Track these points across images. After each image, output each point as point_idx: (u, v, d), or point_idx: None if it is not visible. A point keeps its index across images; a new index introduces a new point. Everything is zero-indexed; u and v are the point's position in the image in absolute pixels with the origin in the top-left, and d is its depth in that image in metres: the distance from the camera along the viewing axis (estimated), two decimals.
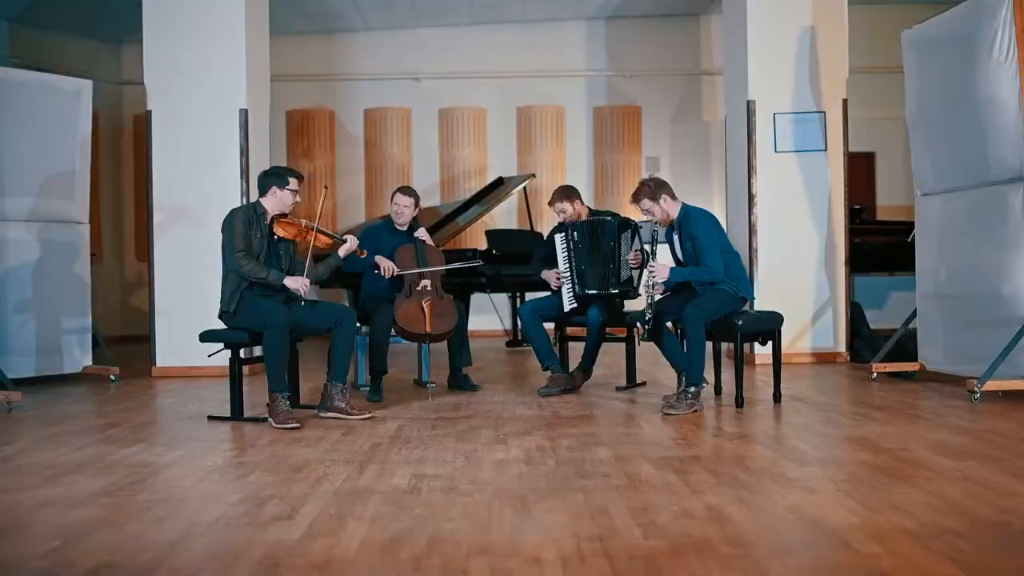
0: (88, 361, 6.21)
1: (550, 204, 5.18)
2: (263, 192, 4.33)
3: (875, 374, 5.40)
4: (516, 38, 9.94)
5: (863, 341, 6.49)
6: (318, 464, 3.24)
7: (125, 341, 9.24)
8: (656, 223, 4.48)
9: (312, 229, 4.32)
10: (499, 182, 8.57)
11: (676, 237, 4.53)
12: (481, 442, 3.63)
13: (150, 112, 6.31)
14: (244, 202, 6.11)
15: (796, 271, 6.41)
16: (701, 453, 3.34)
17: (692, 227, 4.41)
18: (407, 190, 5.32)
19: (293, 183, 4.31)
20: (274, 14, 7.13)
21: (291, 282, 4.24)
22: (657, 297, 4.49)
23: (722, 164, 9.81)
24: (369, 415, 4.27)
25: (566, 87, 9.99)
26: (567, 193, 5.15)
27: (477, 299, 8.53)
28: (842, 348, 6.48)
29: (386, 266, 5.00)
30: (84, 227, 6.23)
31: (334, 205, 9.86)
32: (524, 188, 8.54)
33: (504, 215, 9.73)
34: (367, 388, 5.03)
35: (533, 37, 9.95)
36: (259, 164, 6.46)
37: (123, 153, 10.19)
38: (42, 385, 5.79)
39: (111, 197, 10.05)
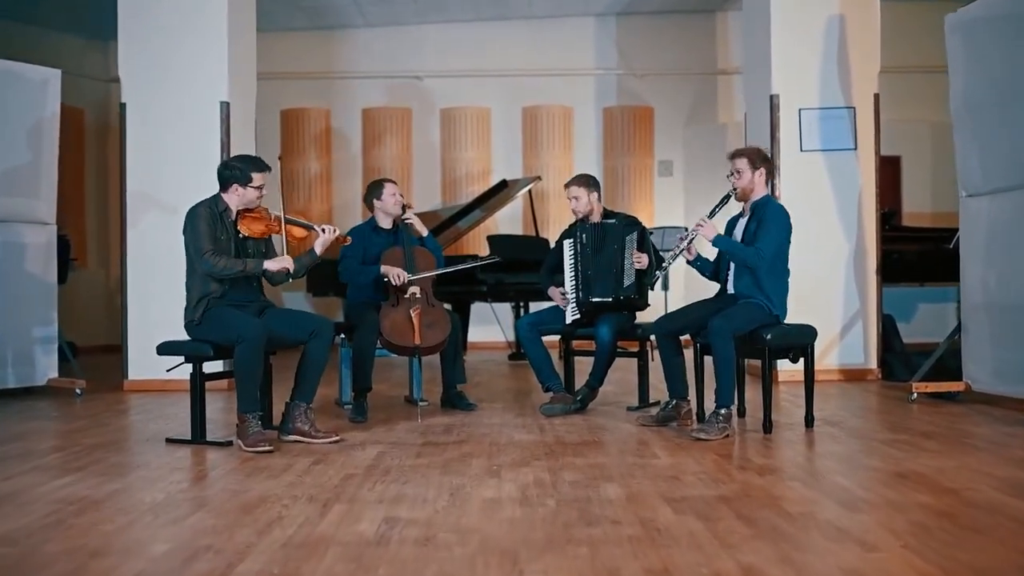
0: (54, 373, 5.73)
1: (566, 186, 4.75)
2: (224, 187, 3.85)
3: (915, 394, 4.87)
4: (522, 35, 9.48)
5: (896, 357, 5.96)
6: (275, 502, 2.74)
7: (108, 351, 8.78)
8: (735, 189, 4.05)
9: (282, 221, 3.83)
10: (503, 185, 8.10)
11: (743, 222, 4.10)
12: (471, 474, 3.12)
13: (124, 105, 5.86)
14: None
15: (823, 280, 5.88)
16: (729, 492, 2.82)
17: (766, 212, 3.97)
18: (390, 179, 4.88)
19: (257, 179, 3.82)
20: (269, 9, 6.71)
21: (273, 264, 3.77)
22: (686, 258, 4.08)
23: None
24: (336, 438, 3.77)
25: (574, 87, 9.51)
26: (586, 181, 4.72)
27: (478, 309, 8.03)
28: (873, 364, 5.94)
29: (396, 273, 4.49)
30: (51, 228, 5.76)
31: (330, 210, 9.38)
32: (529, 192, 8.06)
33: (508, 220, 9.25)
34: (350, 406, 4.53)
35: (540, 34, 9.48)
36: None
37: (110, 153, 9.74)
38: (1, 399, 5.31)
39: (96, 200, 9.60)
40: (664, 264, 4.12)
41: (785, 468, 3.22)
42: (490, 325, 8.60)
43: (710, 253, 4.20)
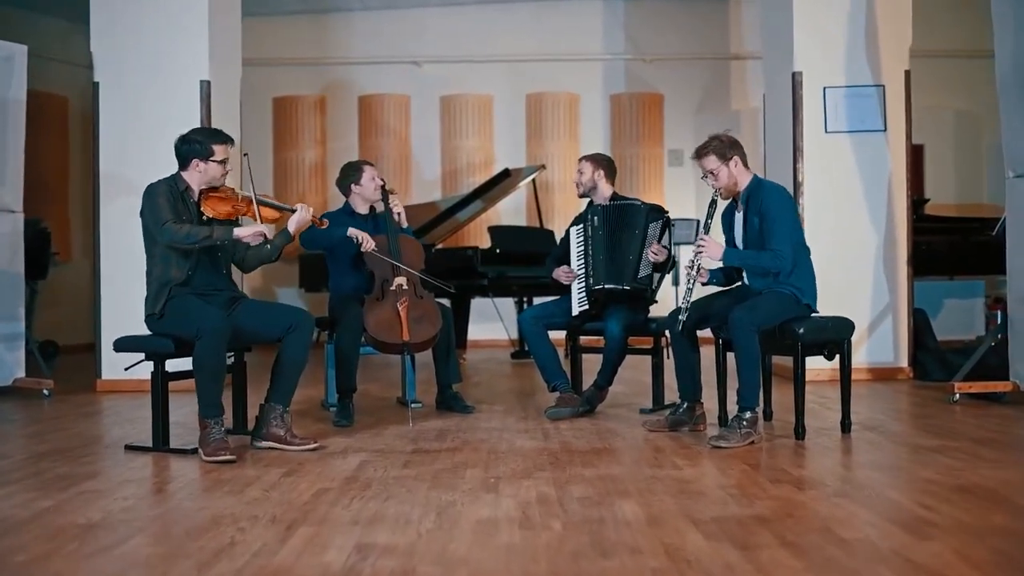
0: (21, 373, 5.32)
1: (579, 160, 4.37)
2: (184, 165, 3.44)
3: (956, 395, 4.43)
4: (526, 19, 9.04)
5: (930, 355, 5.51)
6: (230, 524, 2.32)
7: (93, 350, 8.37)
8: (718, 191, 3.58)
9: (251, 201, 3.43)
10: (505, 174, 7.67)
11: (740, 216, 3.64)
12: (464, 489, 2.70)
13: (98, 84, 5.45)
14: None
15: (849, 272, 5.43)
16: (766, 511, 2.40)
17: (763, 201, 3.50)
18: (369, 162, 4.51)
19: (219, 151, 3.39)
20: None
21: (245, 230, 3.34)
22: (700, 283, 3.57)
23: (752, 157, 8.81)
24: (314, 445, 3.36)
25: (581, 73, 9.07)
26: (595, 157, 4.34)
27: (478, 304, 7.60)
28: (904, 363, 5.50)
29: (362, 237, 4.06)
30: (17, 216, 5.34)
31: (324, 201, 8.96)
32: (533, 181, 7.63)
33: (512, 212, 8.82)
34: (336, 408, 4.11)
35: (545, 18, 9.04)
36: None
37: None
38: None
39: (81, 191, 9.17)
40: (681, 306, 3.55)
41: (827, 481, 2.79)
42: (492, 322, 8.17)
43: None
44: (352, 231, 4.09)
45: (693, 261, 3.51)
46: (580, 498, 2.56)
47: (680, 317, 3.55)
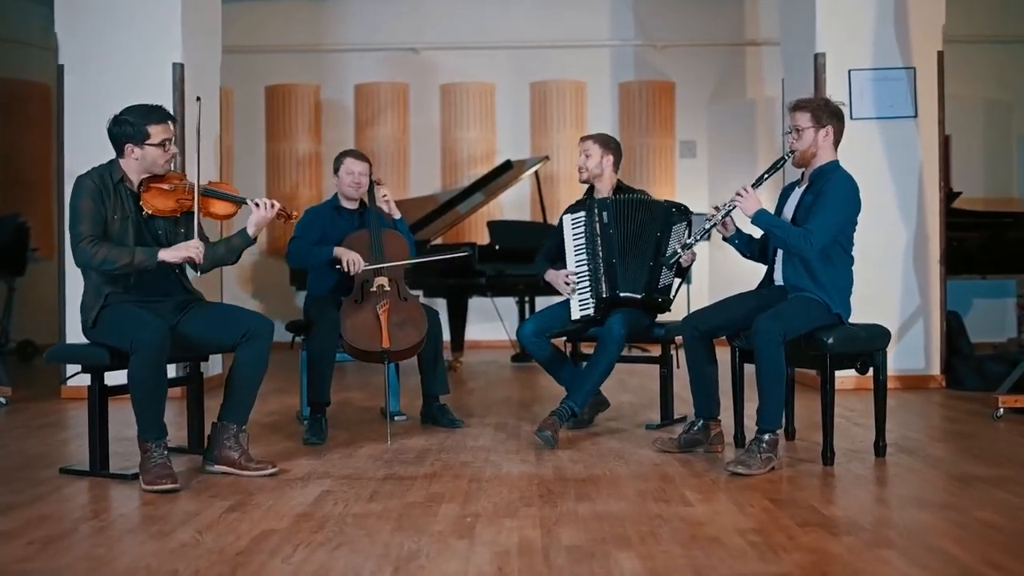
0: None
1: (580, 141, 3.91)
2: (119, 151, 3.00)
3: (1000, 410, 3.97)
4: (530, 3, 8.59)
5: (964, 362, 5.05)
6: None
7: None
8: (792, 152, 3.22)
9: (195, 192, 2.98)
10: (508, 166, 7.24)
11: (799, 191, 3.27)
12: (433, 532, 2.28)
13: (62, 67, 5.07)
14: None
15: (876, 271, 4.96)
16: (795, 568, 1.97)
17: (828, 182, 3.13)
18: (358, 154, 4.05)
19: (156, 132, 2.93)
20: None
21: (170, 254, 2.89)
22: (721, 233, 3.34)
23: (768, 149, 8.42)
24: (272, 470, 2.95)
25: (588, 59, 8.60)
26: (603, 140, 3.85)
27: (477, 303, 7.18)
28: (936, 371, 5.04)
29: (350, 259, 3.67)
30: None
31: (319, 195, 8.55)
32: (537, 173, 7.19)
33: (515, 206, 8.38)
34: (307, 422, 3.71)
35: (550, 2, 8.59)
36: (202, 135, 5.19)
37: None
38: None
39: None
40: (690, 241, 3.37)
41: (864, 523, 2.35)
42: (492, 322, 7.74)
43: (755, 229, 3.35)
44: (338, 251, 3.68)
45: (726, 205, 3.19)
46: (569, 547, 2.13)
47: (693, 240, 3.43)
